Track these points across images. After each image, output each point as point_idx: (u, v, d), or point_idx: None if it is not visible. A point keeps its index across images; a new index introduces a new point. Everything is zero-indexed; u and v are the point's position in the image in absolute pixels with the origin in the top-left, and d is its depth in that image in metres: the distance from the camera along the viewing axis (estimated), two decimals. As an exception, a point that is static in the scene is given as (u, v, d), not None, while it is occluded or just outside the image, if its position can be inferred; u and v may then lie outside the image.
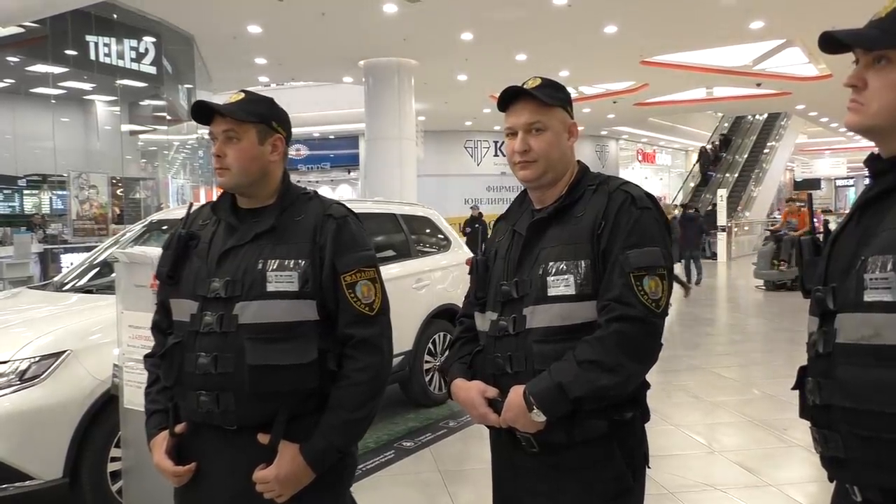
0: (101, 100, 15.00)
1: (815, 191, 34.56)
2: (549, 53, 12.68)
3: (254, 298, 1.66)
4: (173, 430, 1.74)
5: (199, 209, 1.91)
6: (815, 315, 1.29)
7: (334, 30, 10.69)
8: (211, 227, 1.80)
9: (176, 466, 1.71)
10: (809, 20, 10.71)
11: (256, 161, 1.74)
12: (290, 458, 1.64)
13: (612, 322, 1.52)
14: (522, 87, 1.68)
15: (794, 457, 4.37)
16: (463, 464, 4.37)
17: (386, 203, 6.20)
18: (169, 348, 1.73)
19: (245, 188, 1.77)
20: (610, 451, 1.59)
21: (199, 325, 1.68)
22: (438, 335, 5.52)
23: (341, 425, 1.67)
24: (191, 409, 1.69)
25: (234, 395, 1.64)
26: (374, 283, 1.75)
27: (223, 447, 1.69)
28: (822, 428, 1.25)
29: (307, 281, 1.68)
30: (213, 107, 1.73)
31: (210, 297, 1.68)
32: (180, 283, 1.76)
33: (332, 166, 24.93)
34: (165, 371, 1.75)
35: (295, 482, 1.65)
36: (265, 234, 1.72)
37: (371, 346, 1.71)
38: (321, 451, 1.66)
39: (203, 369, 1.65)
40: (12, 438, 3.06)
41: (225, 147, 1.73)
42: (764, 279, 13.12)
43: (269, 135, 1.77)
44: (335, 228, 1.73)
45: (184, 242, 1.79)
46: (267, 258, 1.69)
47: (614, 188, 1.65)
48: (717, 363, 7.06)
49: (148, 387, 1.86)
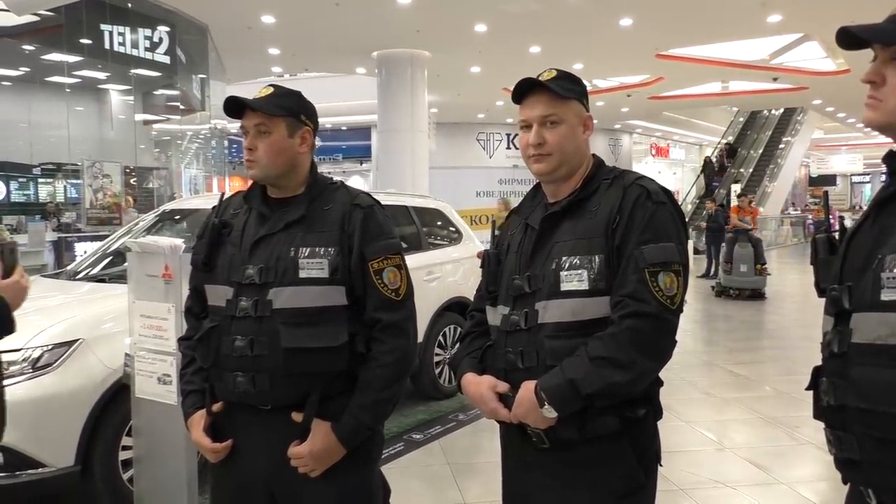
0: (115, 89, 15.05)
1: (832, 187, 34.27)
2: (563, 46, 12.59)
3: (287, 284, 1.73)
4: (210, 408, 1.82)
5: (229, 198, 1.99)
6: (829, 314, 1.28)
7: (348, 20, 10.66)
8: (242, 216, 1.87)
9: (213, 443, 1.80)
10: (828, 14, 10.57)
11: (286, 153, 1.81)
12: (323, 435, 1.72)
13: (626, 318, 1.50)
14: (537, 78, 1.66)
15: (805, 455, 4.34)
16: (472, 457, 4.37)
17: (398, 195, 6.19)
18: (206, 332, 1.81)
19: (275, 179, 1.84)
20: (622, 449, 1.58)
21: (234, 309, 1.76)
22: (449, 328, 5.51)
23: (370, 405, 1.75)
24: (227, 389, 1.77)
25: (269, 375, 1.71)
26: (399, 270, 1.83)
27: (258, 425, 1.78)
28: (837, 429, 1.23)
29: (337, 268, 1.75)
30: (244, 102, 1.80)
31: (245, 283, 1.76)
32: (215, 270, 1.83)
33: (344, 157, 24.92)
34: (202, 353, 1.82)
35: (327, 458, 1.73)
36: (296, 223, 1.79)
37: (398, 329, 1.80)
38: (352, 428, 1.74)
39: (240, 352, 1.73)
40: (25, 426, 3.07)
41: (256, 140, 1.80)
42: (715, 283, 12.05)
43: (299, 128, 1.84)
44: (363, 217, 1.80)
45: (217, 231, 1.86)
46: (298, 246, 1.76)
47: (630, 182, 1.63)
48: (729, 359, 7.02)
49: (183, 368, 1.94)
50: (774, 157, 24.57)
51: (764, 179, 23.89)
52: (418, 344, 5.78)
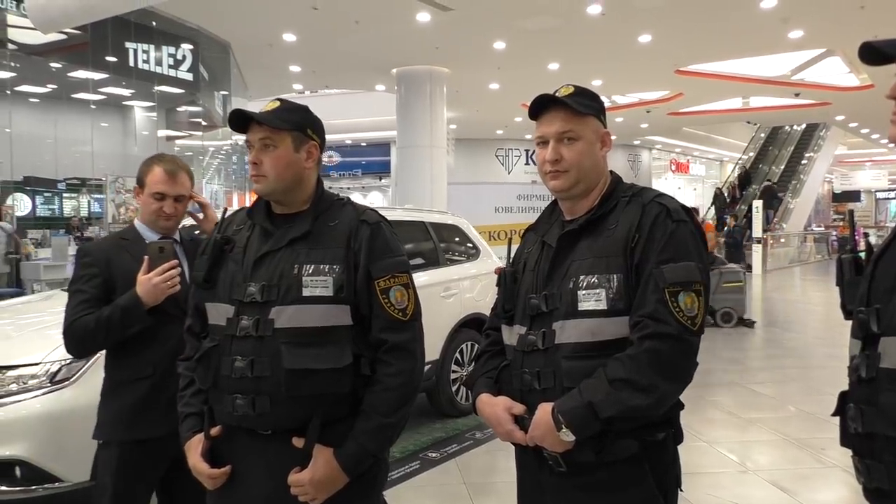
0: (139, 105, 15.27)
1: (855, 203, 33.82)
2: (582, 62, 12.60)
3: (290, 303, 1.67)
4: (208, 432, 1.75)
5: (233, 214, 1.94)
6: (857, 338, 1.23)
7: (367, 38, 10.75)
8: (245, 232, 1.82)
9: (211, 469, 1.73)
10: (850, 29, 10.48)
11: (292, 168, 1.77)
12: (325, 462, 1.65)
13: (646, 339, 1.47)
14: (555, 94, 1.64)
15: (831, 478, 4.24)
16: (489, 476, 4.31)
17: (415, 211, 6.19)
18: (205, 352, 1.75)
19: (280, 195, 1.79)
20: (641, 473, 1.54)
21: (235, 328, 1.70)
22: (466, 345, 5.47)
23: (374, 430, 1.68)
24: (226, 412, 1.70)
25: (269, 398, 1.65)
26: (407, 289, 1.76)
27: (258, 451, 1.71)
28: (865, 457, 1.19)
29: (342, 286, 1.69)
30: (249, 115, 1.76)
31: (246, 302, 1.70)
32: (216, 287, 1.78)
33: (363, 173, 25.09)
34: (201, 374, 1.76)
35: (329, 486, 1.66)
36: (300, 240, 1.74)
37: (404, 351, 1.73)
38: (355, 455, 1.67)
39: (239, 373, 1.67)
40: (42, 440, 3.09)
41: (261, 154, 1.75)
42: None
43: (305, 142, 1.79)
44: (369, 234, 1.75)
45: (219, 247, 1.81)
46: (302, 263, 1.70)
47: (648, 200, 1.60)
48: (752, 378, 6.90)
49: (181, 390, 1.87)
50: (797, 173, 24.33)
51: (786, 195, 23.64)
52: (435, 361, 5.70)
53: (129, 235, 2.41)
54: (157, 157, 2.40)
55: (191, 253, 2.36)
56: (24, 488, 3.10)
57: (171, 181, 2.33)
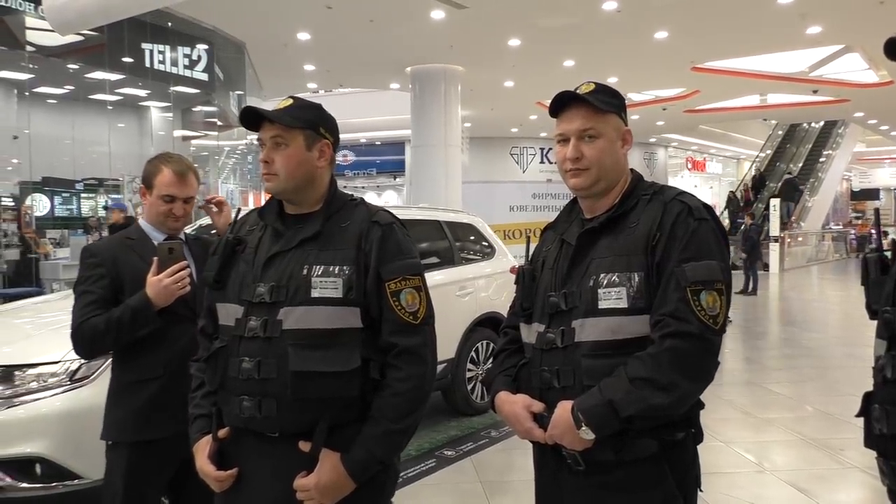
0: (155, 106, 15.38)
1: (875, 202, 33.44)
2: (597, 60, 12.54)
3: (298, 304, 1.64)
4: (216, 434, 1.73)
5: (246, 215, 1.92)
6: (882, 338, 1.22)
7: (382, 36, 10.77)
8: (258, 233, 1.80)
9: (218, 471, 1.71)
10: (869, 25, 10.36)
11: (303, 166, 1.74)
12: (331, 467, 1.62)
13: (667, 338, 1.46)
14: (576, 91, 1.63)
15: (850, 479, 4.19)
16: (505, 475, 4.31)
17: (430, 210, 6.18)
18: (214, 352, 1.73)
19: (292, 194, 1.76)
20: (660, 472, 1.53)
21: (243, 329, 1.67)
22: (481, 343, 5.47)
23: (382, 436, 1.64)
24: (233, 414, 1.68)
25: (275, 401, 1.62)
26: (418, 292, 1.72)
27: (264, 454, 1.68)
28: (891, 459, 1.17)
29: (351, 288, 1.66)
30: (261, 113, 1.73)
31: (255, 302, 1.68)
32: (226, 288, 1.76)
33: (378, 172, 25.14)
34: (210, 375, 1.75)
35: (335, 491, 1.63)
36: (311, 240, 1.71)
37: (414, 355, 1.69)
38: (362, 461, 1.63)
39: (246, 374, 1.64)
40: (62, 438, 3.11)
41: (273, 153, 1.73)
42: None
43: (317, 140, 1.76)
44: (381, 235, 1.71)
45: (231, 247, 1.79)
46: (312, 264, 1.67)
47: (670, 198, 1.59)
48: (768, 378, 6.85)
49: (193, 391, 1.85)
50: (815, 171, 24.08)
51: (804, 194, 23.42)
52: (450, 359, 5.70)
53: (135, 235, 2.40)
54: (164, 157, 2.37)
55: (196, 253, 2.36)
56: (45, 485, 3.12)
57: (180, 183, 2.32)
